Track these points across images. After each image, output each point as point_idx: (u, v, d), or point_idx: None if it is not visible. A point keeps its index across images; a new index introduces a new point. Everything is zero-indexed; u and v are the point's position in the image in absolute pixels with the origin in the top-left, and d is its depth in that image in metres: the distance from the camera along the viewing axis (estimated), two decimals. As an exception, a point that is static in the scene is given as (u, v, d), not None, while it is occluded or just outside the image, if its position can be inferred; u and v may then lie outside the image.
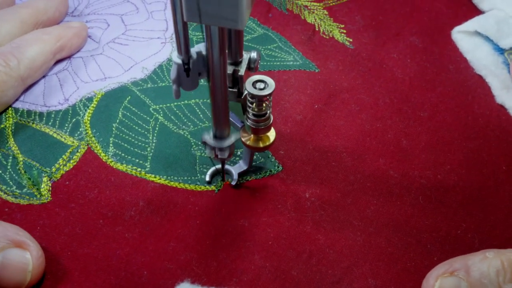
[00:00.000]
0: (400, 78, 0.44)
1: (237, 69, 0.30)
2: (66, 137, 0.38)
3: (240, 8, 0.23)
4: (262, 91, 0.30)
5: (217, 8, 0.23)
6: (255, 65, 0.31)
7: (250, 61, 0.31)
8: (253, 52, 0.31)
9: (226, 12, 0.23)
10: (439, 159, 0.38)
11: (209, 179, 0.36)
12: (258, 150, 0.34)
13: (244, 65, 0.31)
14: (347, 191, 0.36)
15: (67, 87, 0.41)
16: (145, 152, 0.37)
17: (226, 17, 0.23)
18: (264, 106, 0.31)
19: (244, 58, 0.31)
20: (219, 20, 0.24)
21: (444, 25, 0.50)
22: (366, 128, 0.40)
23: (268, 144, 0.33)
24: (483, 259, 0.29)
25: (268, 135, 0.34)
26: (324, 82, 0.43)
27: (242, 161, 0.37)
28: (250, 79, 0.30)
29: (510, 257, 0.28)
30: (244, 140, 0.33)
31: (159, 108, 0.40)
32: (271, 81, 0.30)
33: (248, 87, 0.30)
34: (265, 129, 0.32)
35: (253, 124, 0.32)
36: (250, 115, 0.31)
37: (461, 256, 0.30)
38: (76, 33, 0.42)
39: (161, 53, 0.44)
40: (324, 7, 0.51)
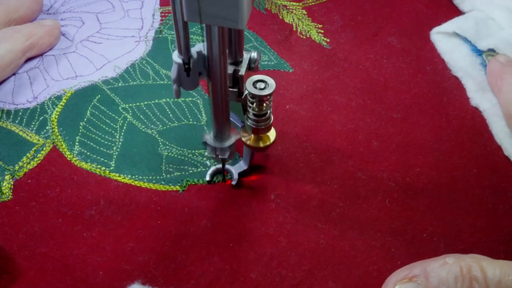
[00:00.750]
0: (375, 79, 0.44)
1: (237, 69, 0.30)
2: (32, 135, 0.37)
3: (240, 8, 0.23)
4: (262, 91, 0.30)
5: (218, 8, 0.23)
6: (255, 65, 0.31)
7: (250, 61, 0.31)
8: (254, 52, 0.31)
9: (226, 12, 0.23)
10: (409, 161, 0.38)
11: (210, 178, 0.36)
12: (258, 150, 0.34)
13: (244, 65, 0.30)
14: (313, 193, 0.35)
15: (37, 85, 0.41)
16: (111, 151, 0.37)
17: (227, 17, 0.23)
18: (265, 106, 0.31)
19: (244, 58, 0.31)
20: (219, 20, 0.24)
21: (424, 25, 0.49)
22: (337, 129, 0.40)
23: (268, 144, 0.33)
24: (443, 264, 0.28)
25: (269, 135, 0.34)
26: (297, 83, 0.43)
27: (242, 161, 0.36)
28: (251, 79, 0.30)
29: (470, 263, 0.28)
30: (245, 140, 0.33)
31: (128, 107, 0.40)
32: (272, 81, 0.30)
33: (249, 87, 0.30)
34: (266, 129, 0.32)
35: (253, 124, 0.32)
36: (250, 115, 0.31)
37: (421, 261, 0.30)
38: (47, 31, 0.42)
39: (134, 52, 0.44)
40: (303, 6, 0.50)
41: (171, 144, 0.38)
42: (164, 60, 0.44)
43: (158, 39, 0.46)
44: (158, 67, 0.43)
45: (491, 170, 0.37)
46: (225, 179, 0.36)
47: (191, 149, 0.38)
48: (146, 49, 0.44)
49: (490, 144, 0.39)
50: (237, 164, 0.36)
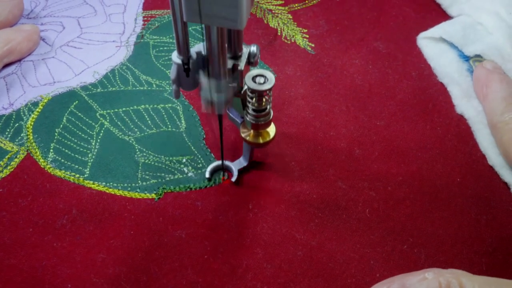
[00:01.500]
0: (359, 85, 0.43)
1: (236, 63, 0.30)
2: (6, 142, 0.37)
3: (240, 8, 0.23)
4: (262, 86, 0.29)
5: (217, 8, 0.23)
6: (255, 59, 0.30)
7: (250, 55, 0.30)
8: (253, 46, 0.30)
9: (226, 12, 0.23)
10: (391, 170, 0.37)
11: (209, 175, 0.35)
12: (258, 146, 0.33)
13: (243, 59, 0.30)
14: (292, 202, 0.34)
15: (14, 91, 0.40)
16: (86, 158, 0.36)
17: (226, 17, 0.23)
18: (264, 101, 0.31)
19: (243, 52, 0.30)
20: (219, 20, 0.24)
21: (411, 30, 0.48)
22: (319, 137, 0.39)
23: (268, 139, 0.33)
24: (422, 280, 0.27)
25: (268, 131, 0.33)
26: (280, 88, 0.42)
27: (242, 157, 0.36)
28: (250, 73, 0.30)
29: (449, 279, 0.27)
30: (244, 136, 0.33)
31: (106, 113, 0.39)
32: (271, 75, 0.30)
33: (248, 81, 0.29)
34: (265, 124, 0.32)
35: (253, 119, 0.31)
36: (250, 110, 0.31)
37: (400, 275, 0.29)
38: (26, 37, 0.41)
39: (114, 57, 0.43)
40: (288, 11, 0.50)
41: (148, 151, 0.37)
42: (145, 65, 0.43)
43: (139, 44, 0.45)
44: (138, 73, 0.42)
45: (475, 179, 0.36)
46: (224, 176, 0.35)
47: (168, 156, 0.37)
48: (127, 54, 0.44)
49: (474, 152, 0.38)
50: (237, 160, 0.36)
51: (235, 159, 0.36)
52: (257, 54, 0.30)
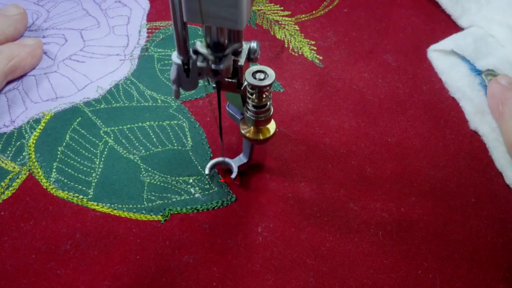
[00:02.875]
0: (369, 99, 0.42)
1: (236, 59, 0.29)
2: (7, 162, 0.36)
3: (240, 9, 0.23)
4: (262, 82, 0.29)
5: (217, 8, 0.23)
6: (255, 55, 0.30)
7: (250, 51, 0.30)
8: (253, 42, 0.30)
9: (226, 12, 0.23)
10: (404, 190, 0.36)
11: (209, 172, 0.35)
12: (258, 142, 0.33)
13: (243, 55, 0.30)
14: (302, 226, 0.33)
15: (15, 108, 0.39)
16: (90, 178, 0.35)
17: (226, 18, 0.23)
18: (264, 97, 0.30)
19: (243, 48, 0.30)
20: (219, 20, 0.24)
21: (420, 42, 0.47)
22: (329, 154, 0.38)
23: (268, 136, 0.33)
24: None
25: (268, 127, 0.33)
26: (288, 103, 0.41)
27: (242, 154, 0.36)
28: (250, 69, 0.30)
29: None
30: (244, 132, 0.33)
31: (110, 130, 0.38)
32: (271, 71, 0.30)
33: (248, 77, 0.29)
34: (265, 120, 0.32)
35: (253, 115, 0.31)
36: (250, 107, 0.31)
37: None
38: (30, 52, 0.40)
39: (118, 71, 0.42)
40: (295, 22, 0.49)
41: (154, 171, 0.36)
42: (149, 80, 0.42)
43: (144, 58, 0.44)
44: (143, 88, 0.41)
45: (490, 199, 0.35)
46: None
47: (174, 176, 0.36)
48: (131, 68, 0.43)
49: (489, 171, 0.37)
50: (237, 157, 0.36)
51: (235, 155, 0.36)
52: (257, 50, 0.30)
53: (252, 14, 0.49)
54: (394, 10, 0.50)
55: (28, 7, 0.47)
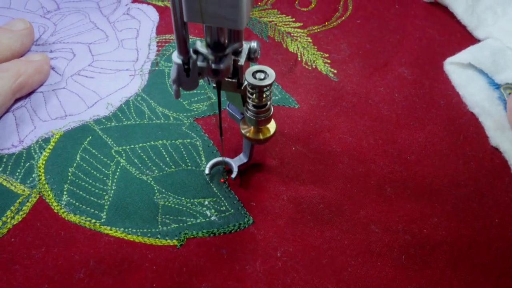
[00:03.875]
0: (386, 115, 0.41)
1: (237, 59, 0.29)
2: (16, 184, 0.34)
3: (241, 9, 0.23)
4: (262, 81, 0.29)
5: (217, 8, 0.23)
6: (255, 55, 0.30)
7: (250, 51, 0.30)
8: (253, 42, 0.30)
9: (226, 12, 0.23)
10: (425, 210, 0.35)
11: (209, 171, 0.35)
12: (258, 142, 0.33)
13: (244, 55, 0.30)
14: (323, 249, 0.32)
15: (24, 127, 0.38)
16: (102, 201, 0.34)
17: (227, 17, 0.23)
18: (265, 97, 0.30)
19: (244, 48, 0.30)
20: (219, 20, 0.24)
21: (436, 54, 0.46)
22: (347, 173, 0.37)
23: (268, 136, 0.33)
24: None
25: (268, 127, 0.33)
26: (304, 120, 0.40)
27: (242, 154, 0.36)
28: (250, 69, 0.30)
29: None
30: (244, 132, 0.33)
31: (121, 150, 0.37)
32: (272, 71, 0.30)
33: (248, 77, 0.29)
34: (266, 120, 0.32)
35: (253, 115, 0.31)
36: (250, 106, 0.31)
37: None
38: (37, 69, 0.39)
39: (129, 87, 0.41)
40: (308, 34, 0.48)
41: (168, 192, 0.35)
42: (161, 96, 0.41)
43: (154, 72, 0.43)
44: (154, 104, 0.40)
45: (515, 220, 0.35)
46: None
47: (189, 197, 0.35)
48: (142, 83, 0.42)
49: (512, 189, 0.36)
50: (237, 157, 0.36)
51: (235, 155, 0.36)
52: (257, 50, 0.30)
53: (263, 26, 0.48)
54: (408, 21, 0.49)
55: (35, 20, 0.46)
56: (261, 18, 0.49)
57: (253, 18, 0.48)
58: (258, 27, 0.48)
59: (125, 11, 0.48)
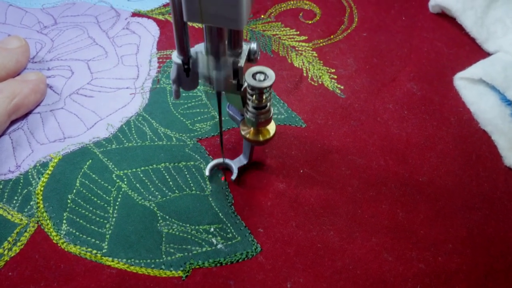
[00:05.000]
0: (396, 134, 0.40)
1: (236, 60, 0.29)
2: (14, 213, 0.33)
3: (241, 8, 0.23)
4: (262, 83, 0.29)
5: (217, 8, 0.23)
6: (255, 56, 0.30)
7: (250, 52, 0.30)
8: (253, 43, 0.30)
9: (226, 12, 0.23)
10: (440, 236, 0.34)
11: (209, 173, 0.35)
12: (258, 143, 0.33)
13: (243, 56, 0.30)
14: (334, 280, 0.31)
15: (20, 150, 0.36)
16: (103, 230, 0.33)
17: (226, 17, 0.24)
18: (264, 98, 0.30)
19: (243, 49, 0.30)
20: (219, 20, 0.24)
21: (445, 68, 0.45)
22: (358, 198, 0.35)
23: (268, 137, 0.33)
24: None
25: (268, 129, 0.33)
26: (312, 140, 0.39)
27: (242, 155, 0.36)
28: (250, 70, 0.30)
29: None
30: (244, 133, 0.33)
31: (123, 174, 0.36)
32: (271, 72, 0.30)
33: (248, 78, 0.29)
34: (265, 122, 0.31)
35: (253, 116, 0.31)
36: (250, 108, 0.31)
37: None
38: (33, 88, 0.37)
39: (129, 106, 0.40)
40: (313, 48, 0.46)
41: (172, 219, 0.33)
42: (163, 115, 0.39)
43: (155, 90, 0.41)
44: (156, 125, 0.39)
45: (532, 246, 0.33)
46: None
47: (194, 224, 0.33)
48: (143, 102, 0.40)
49: (528, 213, 0.35)
50: (237, 158, 0.36)
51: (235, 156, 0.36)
52: (257, 51, 0.30)
53: (267, 40, 0.46)
54: (415, 34, 0.48)
55: (31, 36, 0.45)
56: (264, 31, 0.47)
57: (256, 32, 0.47)
58: (262, 41, 0.46)
59: (124, 26, 0.46)
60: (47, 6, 0.48)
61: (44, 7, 0.48)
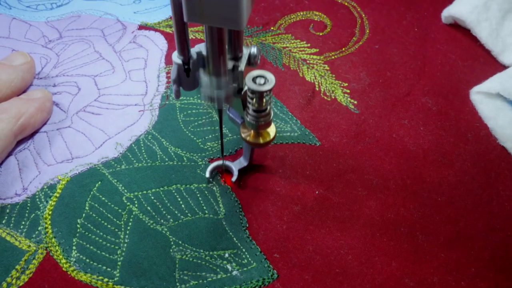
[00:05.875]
0: (412, 151, 0.39)
1: (237, 64, 0.30)
2: (21, 239, 0.32)
3: (241, 9, 0.23)
4: (262, 86, 0.29)
5: (218, 8, 0.23)
6: (255, 60, 0.31)
7: (250, 56, 0.30)
8: (253, 47, 0.30)
9: (226, 12, 0.23)
10: (461, 260, 0.33)
11: (209, 175, 0.35)
12: (258, 146, 0.33)
13: (244, 60, 0.30)
14: (355, 308, 0.30)
15: (27, 172, 0.35)
16: (115, 256, 0.32)
17: (227, 18, 0.24)
18: (264, 102, 0.30)
19: (244, 53, 0.30)
20: (220, 20, 0.24)
21: (460, 82, 0.44)
22: (376, 220, 0.34)
23: (268, 140, 0.33)
24: None
25: (268, 131, 0.33)
26: (326, 159, 0.38)
27: (242, 157, 0.36)
28: (250, 74, 0.30)
29: None
30: (244, 136, 0.33)
31: (133, 196, 0.35)
32: (272, 76, 0.30)
33: (248, 82, 0.29)
34: (265, 124, 0.32)
35: (253, 120, 0.31)
36: (250, 111, 0.31)
37: None
38: (39, 107, 0.36)
39: (138, 124, 0.38)
40: (324, 61, 0.45)
41: (185, 244, 0.32)
42: (173, 134, 0.38)
43: (165, 107, 0.40)
44: (166, 143, 0.38)
45: (557, 270, 0.32)
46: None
47: (208, 250, 0.32)
48: (152, 120, 0.39)
49: (552, 234, 0.34)
50: (237, 160, 0.36)
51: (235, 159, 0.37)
52: (257, 55, 0.30)
53: (277, 53, 0.45)
54: (428, 46, 0.47)
55: (35, 51, 0.44)
56: (274, 44, 0.46)
57: (266, 44, 0.46)
58: (272, 54, 0.45)
59: (131, 39, 0.45)
60: (51, 19, 0.47)
61: (49, 20, 0.47)
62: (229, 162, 0.36)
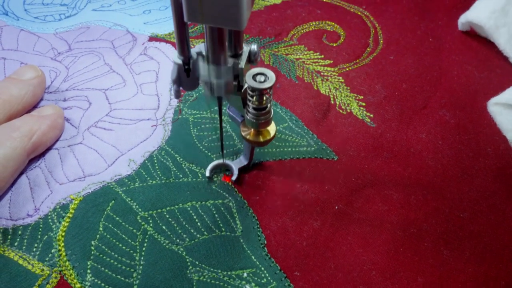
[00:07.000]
0: (432, 166, 0.38)
1: (237, 62, 0.29)
2: (34, 263, 0.31)
3: (241, 9, 0.23)
4: (262, 84, 0.29)
5: (218, 8, 0.23)
6: (255, 57, 0.30)
7: (250, 53, 0.30)
8: (253, 45, 0.30)
9: (227, 12, 0.23)
10: (490, 273, 0.32)
11: (209, 174, 0.35)
12: (258, 144, 0.33)
13: (244, 57, 0.30)
14: (380, 331, 0.29)
15: (39, 192, 0.34)
16: (131, 280, 0.30)
17: (227, 18, 0.24)
18: (265, 100, 0.30)
19: (244, 50, 0.30)
20: (220, 20, 0.24)
21: (477, 93, 0.43)
22: (398, 235, 0.33)
23: (268, 138, 0.33)
24: None
25: (269, 130, 0.33)
26: (345, 174, 0.37)
27: (242, 156, 0.36)
28: (250, 72, 0.30)
29: None
30: (244, 134, 0.33)
31: (148, 215, 0.34)
32: (272, 74, 0.30)
33: (248, 80, 0.29)
34: (266, 123, 0.31)
35: (253, 118, 0.31)
36: (250, 109, 0.31)
37: None
38: (51, 125, 0.35)
39: (151, 140, 0.38)
40: (339, 73, 0.44)
41: (202, 264, 0.31)
42: (186, 149, 0.37)
43: (177, 122, 0.39)
44: (180, 159, 0.37)
45: None
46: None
47: (226, 269, 0.31)
48: (165, 135, 0.38)
49: None
50: (237, 159, 0.36)
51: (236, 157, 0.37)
52: (257, 53, 0.30)
53: (291, 65, 0.44)
54: (443, 56, 0.46)
55: (45, 64, 0.43)
56: (287, 55, 0.45)
57: (279, 56, 0.45)
58: (285, 65, 0.44)
59: (142, 51, 0.44)
60: (60, 30, 0.46)
61: (57, 31, 0.46)
62: (229, 161, 0.36)
